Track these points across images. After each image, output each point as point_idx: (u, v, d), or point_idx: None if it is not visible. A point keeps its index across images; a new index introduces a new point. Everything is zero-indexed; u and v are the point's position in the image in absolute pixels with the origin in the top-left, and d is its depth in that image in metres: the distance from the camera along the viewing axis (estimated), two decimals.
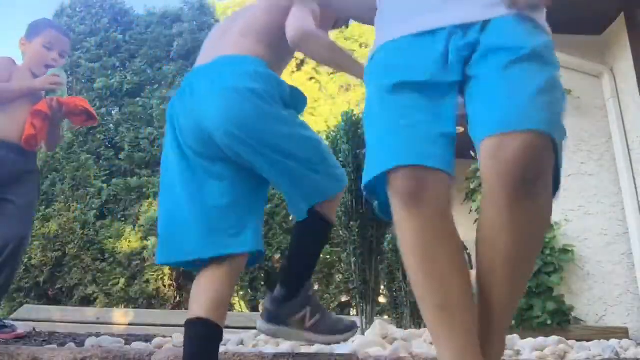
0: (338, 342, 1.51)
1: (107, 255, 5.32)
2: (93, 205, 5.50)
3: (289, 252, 1.58)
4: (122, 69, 6.27)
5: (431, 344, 2.10)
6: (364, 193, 1.03)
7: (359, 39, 6.74)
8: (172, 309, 5.22)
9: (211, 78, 1.37)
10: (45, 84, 2.37)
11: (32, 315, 3.81)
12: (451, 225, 0.97)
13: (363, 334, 2.32)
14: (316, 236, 1.54)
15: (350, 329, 1.54)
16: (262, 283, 5.48)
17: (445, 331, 0.92)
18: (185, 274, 5.34)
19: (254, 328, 2.14)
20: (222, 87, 1.34)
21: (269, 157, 1.36)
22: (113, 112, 6.10)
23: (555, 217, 3.46)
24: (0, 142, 2.33)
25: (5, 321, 2.58)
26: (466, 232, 1.02)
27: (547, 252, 3.27)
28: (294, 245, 1.57)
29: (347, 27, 1.85)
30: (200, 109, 1.36)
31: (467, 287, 0.95)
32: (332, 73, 6.66)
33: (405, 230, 0.95)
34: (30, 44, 2.50)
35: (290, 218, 5.65)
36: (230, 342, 2.07)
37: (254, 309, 5.60)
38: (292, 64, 6.54)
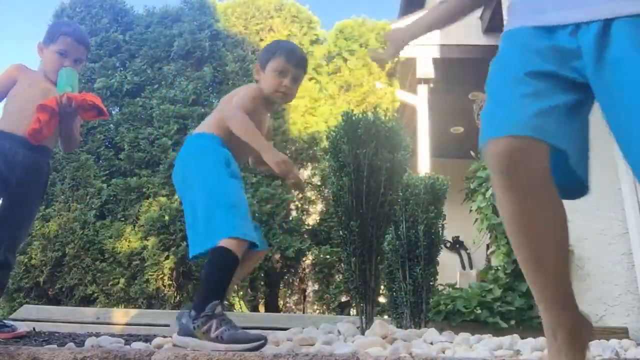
0: (240, 351, 1.65)
1: (107, 255, 5.32)
2: (93, 205, 5.50)
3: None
4: (122, 69, 6.27)
5: (431, 343, 2.10)
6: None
7: (358, 39, 6.73)
8: (172, 309, 5.22)
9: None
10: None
11: (32, 315, 3.80)
12: (549, 194, 1.02)
13: (363, 334, 2.31)
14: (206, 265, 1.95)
15: (255, 340, 1.71)
16: (262, 283, 5.48)
17: (538, 282, 1.00)
18: (184, 274, 5.34)
19: (255, 328, 2.17)
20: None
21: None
22: (113, 112, 6.09)
23: None
24: (12, 135, 2.36)
25: (5, 321, 2.58)
26: (466, 231, 1.03)
27: None
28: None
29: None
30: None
31: (560, 248, 1.02)
32: (332, 73, 6.65)
33: (502, 198, 1.00)
34: (46, 49, 2.53)
35: (290, 218, 5.65)
36: None
37: (254, 309, 5.60)
38: None
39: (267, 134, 2.38)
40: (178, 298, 5.36)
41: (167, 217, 5.34)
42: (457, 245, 7.33)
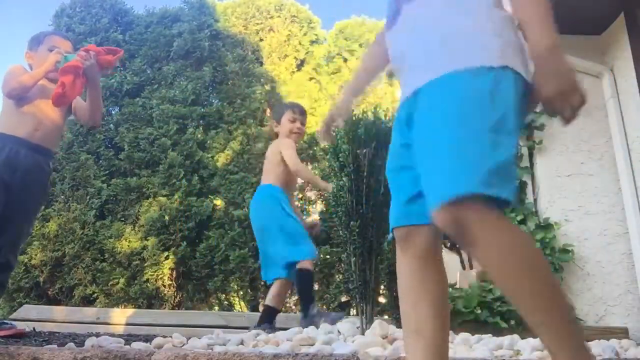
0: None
1: (107, 255, 5.32)
2: (93, 205, 5.50)
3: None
4: (121, 69, 6.26)
5: None
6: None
7: (359, 39, 6.73)
8: (172, 309, 5.22)
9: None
10: (53, 60, 2.46)
11: (32, 315, 3.80)
12: (434, 268, 1.23)
13: (363, 334, 2.31)
14: None
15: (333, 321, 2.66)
16: (262, 283, 5.47)
17: (412, 353, 1.14)
18: (184, 274, 5.34)
19: (254, 328, 2.17)
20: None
21: None
22: (113, 112, 6.09)
23: (555, 217, 3.46)
24: (13, 137, 2.38)
25: (5, 321, 2.59)
26: None
27: (547, 252, 3.27)
28: None
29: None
30: None
31: (437, 315, 1.16)
32: (332, 73, 6.65)
33: (398, 268, 1.24)
34: (36, 53, 2.58)
35: None
36: (230, 342, 2.07)
37: (254, 308, 5.60)
38: (292, 65, 6.53)
39: None
40: (178, 298, 5.36)
41: (167, 217, 5.34)
42: (457, 245, 7.34)
